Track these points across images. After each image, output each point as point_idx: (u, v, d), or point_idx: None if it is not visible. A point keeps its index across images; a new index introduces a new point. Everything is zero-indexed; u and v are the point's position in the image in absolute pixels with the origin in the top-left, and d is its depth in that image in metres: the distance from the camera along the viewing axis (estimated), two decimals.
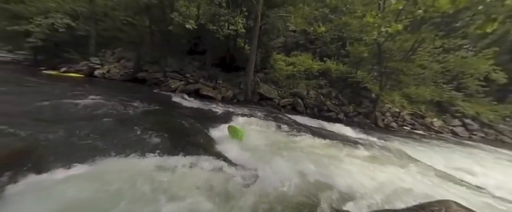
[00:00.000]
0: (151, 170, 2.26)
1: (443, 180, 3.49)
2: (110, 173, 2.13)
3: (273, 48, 11.37)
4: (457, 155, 6.14)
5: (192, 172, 2.34)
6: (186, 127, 4.21)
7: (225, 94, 8.99)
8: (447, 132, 10.67)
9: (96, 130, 3.23)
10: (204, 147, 3.39)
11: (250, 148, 3.31)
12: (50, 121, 3.44)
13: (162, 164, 2.44)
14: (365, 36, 7.39)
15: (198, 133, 4.00)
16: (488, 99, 12.74)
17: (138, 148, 2.80)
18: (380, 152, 4.35)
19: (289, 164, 2.72)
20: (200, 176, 2.29)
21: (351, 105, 9.27)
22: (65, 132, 2.98)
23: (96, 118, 3.87)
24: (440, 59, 9.04)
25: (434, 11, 4.09)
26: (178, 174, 2.26)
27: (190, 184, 2.09)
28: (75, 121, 3.56)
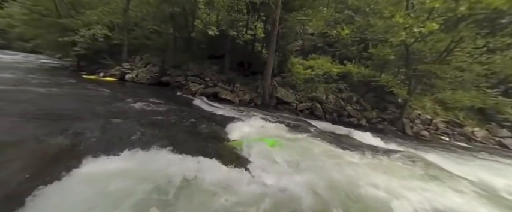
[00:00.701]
0: (175, 172, 2.38)
1: (490, 201, 3.02)
2: (140, 169, 2.31)
3: (290, 51, 11.28)
4: (506, 170, 5.28)
5: (210, 176, 2.39)
6: (205, 130, 4.38)
7: (242, 97, 9.14)
8: (493, 143, 9.30)
9: (126, 129, 3.56)
10: (220, 150, 3.48)
11: (273, 155, 3.28)
12: (89, 119, 3.90)
13: (182, 168, 2.52)
14: (391, 37, 6.88)
15: (215, 136, 4.12)
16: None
17: (164, 145, 2.99)
18: (408, 162, 3.95)
19: (310, 175, 2.64)
20: (218, 181, 2.34)
21: (374, 111, 8.66)
22: (102, 130, 3.34)
23: (126, 118, 4.26)
24: (484, 60, 7.98)
25: (483, 7, 3.61)
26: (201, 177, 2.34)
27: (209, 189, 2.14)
28: (109, 120, 3.96)
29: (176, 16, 11.18)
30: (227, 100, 8.99)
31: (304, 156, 3.26)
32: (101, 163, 2.38)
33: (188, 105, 7.35)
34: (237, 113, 6.27)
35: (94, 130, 3.36)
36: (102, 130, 3.43)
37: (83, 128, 3.38)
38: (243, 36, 7.92)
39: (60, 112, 4.23)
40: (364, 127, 7.91)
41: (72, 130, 3.28)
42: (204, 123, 4.83)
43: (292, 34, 11.50)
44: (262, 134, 4.33)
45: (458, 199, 2.75)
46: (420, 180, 3.16)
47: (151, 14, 12.19)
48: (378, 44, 9.61)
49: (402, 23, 3.49)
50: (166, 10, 10.60)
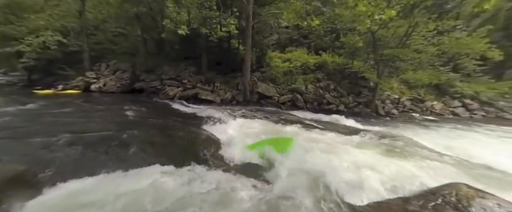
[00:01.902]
0: (151, 184, 2.22)
1: (449, 163, 3.49)
2: (106, 190, 2.08)
3: (267, 46, 11.33)
4: (460, 136, 6.16)
5: (194, 183, 2.30)
6: (185, 134, 4.19)
7: (223, 96, 8.97)
8: (448, 113, 10.71)
9: (91, 145, 3.20)
10: (201, 153, 3.36)
11: (255, 151, 3.29)
12: (46, 141, 3.41)
13: (161, 179, 2.37)
14: (358, 25, 7.35)
15: (195, 139, 3.98)
16: (486, 77, 12.78)
17: (135, 161, 2.76)
18: (384, 140, 4.34)
19: (293, 161, 2.72)
20: (205, 187, 2.26)
21: (350, 96, 9.26)
22: (62, 150, 2.95)
23: (92, 133, 3.84)
24: (435, 42, 9.03)
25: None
26: (183, 185, 2.24)
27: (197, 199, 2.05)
28: (70, 138, 3.52)
29: (142, 16, 10.34)
30: (208, 100, 8.75)
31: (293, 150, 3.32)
32: (62, 191, 2.09)
33: (166, 110, 6.96)
34: (219, 113, 6.13)
35: (50, 153, 2.92)
36: (64, 153, 3.02)
37: (37, 151, 2.91)
38: (216, 34, 7.68)
39: (5, 136, 3.61)
40: (343, 112, 8.42)
41: (23, 155, 2.79)
42: (186, 129, 4.62)
43: (267, 28, 11.52)
44: (256, 133, 4.26)
45: (417, 163, 3.13)
46: (386, 152, 3.51)
47: (113, 16, 11.06)
48: (348, 33, 10.18)
49: (365, 11, 3.76)
50: (130, 10, 9.73)
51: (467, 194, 1.82)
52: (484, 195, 1.78)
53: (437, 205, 1.79)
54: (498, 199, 1.75)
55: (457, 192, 1.86)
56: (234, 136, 4.00)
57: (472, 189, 1.90)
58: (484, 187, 2.47)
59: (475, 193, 1.82)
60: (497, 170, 3.29)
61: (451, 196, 1.85)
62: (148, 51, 11.48)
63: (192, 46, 11.09)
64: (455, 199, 1.81)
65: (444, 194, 1.88)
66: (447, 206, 1.75)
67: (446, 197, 1.85)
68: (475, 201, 1.72)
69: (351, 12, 5.22)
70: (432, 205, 1.82)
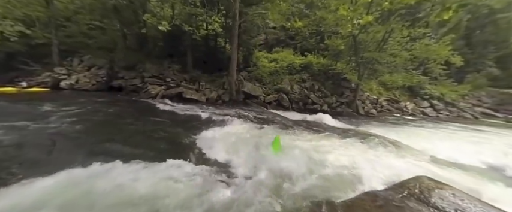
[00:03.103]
0: (127, 182, 2.12)
1: (417, 158, 3.82)
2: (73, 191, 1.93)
3: (254, 45, 11.34)
4: (428, 134, 6.78)
5: (175, 182, 2.24)
6: (168, 134, 4.04)
7: (209, 96, 8.79)
8: (419, 113, 11.73)
9: (65, 147, 2.94)
10: (187, 153, 3.28)
11: (238, 149, 3.27)
12: (10, 144, 3.04)
13: (138, 176, 2.29)
14: (340, 29, 7.70)
15: (180, 139, 3.86)
16: (450, 81, 14.24)
17: (115, 158, 2.59)
18: (363, 140, 4.61)
19: (272, 162, 2.76)
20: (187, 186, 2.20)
21: (334, 96, 9.67)
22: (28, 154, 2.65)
23: (65, 134, 3.52)
24: (408, 47, 9.84)
25: (399, 2, 4.43)
26: (161, 185, 2.15)
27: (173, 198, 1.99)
28: (38, 140, 3.19)
29: (122, 9, 9.67)
30: (193, 100, 8.50)
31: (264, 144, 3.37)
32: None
33: (148, 109, 6.61)
34: (204, 113, 5.99)
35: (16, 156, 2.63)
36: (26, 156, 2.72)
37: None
38: (199, 31, 7.48)
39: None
40: (326, 112, 8.74)
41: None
42: (168, 129, 4.44)
43: (254, 28, 11.54)
44: (240, 133, 4.23)
45: (391, 159, 3.38)
46: (365, 151, 3.73)
47: (87, 6, 10.19)
48: (332, 36, 10.62)
49: (345, 15, 3.96)
50: (108, 2, 9.03)
51: (429, 186, 2.00)
52: (442, 186, 1.98)
53: (404, 197, 1.94)
54: (453, 189, 1.95)
55: (420, 184, 2.04)
56: (217, 136, 3.94)
57: (433, 181, 2.10)
58: (443, 178, 2.75)
59: (435, 184, 2.01)
60: (456, 164, 3.69)
61: (415, 188, 2.02)
62: (129, 47, 10.79)
63: (177, 43, 10.68)
64: (418, 190, 1.98)
65: (409, 186, 2.04)
66: (412, 198, 1.90)
67: (411, 189, 2.02)
68: (434, 192, 1.90)
69: (333, 16, 5.46)
70: (399, 197, 1.96)
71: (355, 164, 3.05)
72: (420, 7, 9.77)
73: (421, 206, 1.85)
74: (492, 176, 3.46)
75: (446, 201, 1.83)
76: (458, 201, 1.81)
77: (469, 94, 13.94)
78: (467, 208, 1.74)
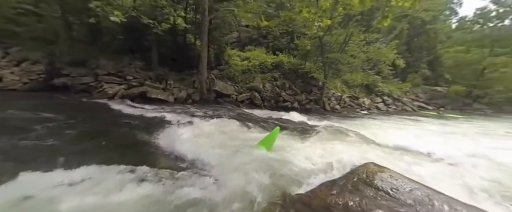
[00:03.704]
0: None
1: (370, 146, 4.36)
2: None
3: (226, 43, 11.11)
4: (379, 125, 7.85)
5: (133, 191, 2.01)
6: (126, 138, 3.62)
7: (177, 95, 8.23)
8: (373, 107, 13.45)
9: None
10: (147, 157, 3.00)
11: (204, 149, 3.15)
12: None
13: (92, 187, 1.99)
14: (307, 30, 8.20)
15: (140, 143, 3.50)
16: (396, 79, 16.76)
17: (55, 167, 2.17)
18: (327, 133, 5.02)
19: (238, 158, 2.75)
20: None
21: (303, 94, 10.27)
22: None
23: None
24: (365, 50, 11.18)
25: (350, 9, 4.98)
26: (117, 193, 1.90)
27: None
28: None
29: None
30: (159, 100, 7.84)
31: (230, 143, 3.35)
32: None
33: (102, 111, 5.79)
34: (171, 114, 5.57)
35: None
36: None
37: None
38: (161, 26, 6.90)
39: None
40: (297, 109, 9.24)
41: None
42: (127, 132, 3.96)
43: (226, 25, 11.28)
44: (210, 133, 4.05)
45: (347, 149, 3.77)
46: (329, 143, 4.08)
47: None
48: (301, 36, 11.22)
49: (308, 18, 4.23)
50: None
51: (373, 170, 2.29)
52: (383, 170, 2.28)
53: (354, 183, 2.17)
54: (391, 171, 2.28)
55: (366, 170, 2.31)
56: (183, 137, 3.71)
57: (377, 166, 2.41)
58: (387, 162, 3.20)
59: (378, 169, 2.31)
60: (398, 149, 4.36)
61: (363, 174, 2.28)
62: (76, 39, 9.21)
63: (140, 38, 9.63)
64: (365, 175, 2.24)
65: (359, 173, 2.30)
66: (360, 183, 2.14)
67: (360, 175, 2.27)
68: (376, 175, 2.19)
69: (301, 17, 5.76)
70: (351, 183, 2.19)
71: (317, 156, 3.28)
72: (373, 14, 11.24)
73: (367, 188, 2.10)
74: (423, 157, 4.20)
75: (385, 182, 2.13)
76: (393, 181, 2.13)
77: (409, 91, 16.70)
78: (399, 186, 2.06)
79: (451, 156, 4.48)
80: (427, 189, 2.13)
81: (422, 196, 2.00)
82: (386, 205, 1.90)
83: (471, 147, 5.14)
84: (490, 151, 4.84)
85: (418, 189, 2.10)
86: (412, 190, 2.08)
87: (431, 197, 1.99)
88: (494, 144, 5.71)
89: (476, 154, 4.56)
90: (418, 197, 1.99)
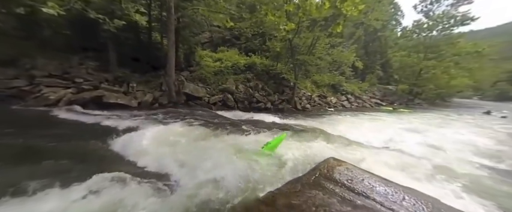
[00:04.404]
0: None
1: (333, 141, 4.74)
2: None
3: (196, 43, 10.64)
4: (343, 121, 8.66)
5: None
6: (77, 151, 3.10)
7: (142, 99, 7.49)
8: (339, 105, 14.76)
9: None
10: (104, 168, 2.62)
11: (167, 155, 2.92)
12: None
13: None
14: (276, 32, 8.49)
15: (94, 154, 3.05)
16: (357, 80, 18.82)
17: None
18: (296, 131, 5.27)
19: (203, 161, 2.65)
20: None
21: (276, 94, 10.58)
22: None
23: None
24: (330, 53, 12.21)
25: (309, 15, 5.38)
26: None
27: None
28: None
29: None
30: (120, 105, 7.00)
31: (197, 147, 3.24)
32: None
33: (41, 122, 4.84)
34: (133, 120, 5.02)
35: None
36: None
37: None
38: (113, 22, 6.20)
39: None
40: (270, 109, 9.46)
41: None
42: (75, 144, 3.38)
43: (196, 24, 10.80)
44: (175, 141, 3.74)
45: (312, 145, 4.03)
46: (299, 140, 4.28)
47: None
48: (272, 38, 11.55)
49: (274, 20, 4.38)
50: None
51: (333, 165, 2.47)
52: (341, 163, 2.49)
53: (316, 178, 2.31)
54: (347, 164, 2.51)
55: (327, 165, 2.48)
56: (145, 146, 3.37)
57: (336, 161, 2.61)
58: (347, 154, 3.52)
59: (336, 163, 2.51)
60: (357, 142, 4.85)
61: (324, 169, 2.44)
62: (2, 32, 7.48)
63: (92, 33, 8.39)
64: (326, 170, 2.40)
65: (320, 168, 2.45)
66: (321, 178, 2.29)
67: (321, 170, 2.42)
68: (336, 169, 2.37)
69: (268, 20, 5.92)
70: (313, 179, 2.31)
71: (285, 155, 3.39)
72: (336, 21, 12.39)
73: (327, 182, 2.25)
74: (376, 148, 4.78)
75: (342, 174, 2.32)
76: (349, 173, 2.34)
77: (367, 89, 18.94)
78: (354, 177, 2.28)
79: (397, 144, 5.22)
80: (375, 177, 2.42)
81: (371, 183, 2.25)
82: (342, 195, 2.07)
83: (412, 137, 6.12)
84: (429, 140, 5.86)
85: (368, 178, 2.36)
86: (363, 179, 2.33)
87: (379, 183, 2.26)
88: (432, 134, 6.94)
89: (419, 142, 5.47)
90: (368, 185, 2.23)
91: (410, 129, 7.55)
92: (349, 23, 18.41)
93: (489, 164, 4.38)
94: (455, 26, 19.82)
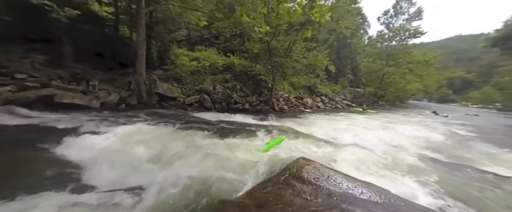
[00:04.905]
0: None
1: (306, 141, 4.96)
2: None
3: (171, 41, 10.05)
4: (317, 121, 9.16)
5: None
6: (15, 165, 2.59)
7: (106, 99, 6.72)
8: (315, 106, 15.60)
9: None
10: (50, 183, 2.25)
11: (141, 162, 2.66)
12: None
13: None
14: (253, 34, 8.55)
15: (38, 167, 2.60)
16: (330, 82, 20.19)
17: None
18: (272, 132, 5.35)
19: (178, 166, 2.50)
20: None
21: (254, 95, 10.64)
22: None
23: None
24: (306, 56, 12.83)
25: (280, 18, 5.59)
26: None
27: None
28: None
29: None
30: (77, 105, 6.16)
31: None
32: None
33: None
34: (90, 123, 4.44)
35: None
36: None
37: None
38: (64, 11, 5.49)
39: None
40: (248, 110, 9.45)
41: None
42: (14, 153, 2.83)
43: (171, 21, 10.19)
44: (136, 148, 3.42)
45: (289, 145, 4.15)
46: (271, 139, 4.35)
47: None
48: (251, 40, 11.59)
49: (249, 22, 4.41)
50: None
51: (302, 164, 2.57)
52: (309, 163, 2.61)
53: (286, 178, 2.37)
54: (316, 163, 2.63)
55: (297, 165, 2.57)
56: (104, 151, 3.02)
57: (305, 160, 2.72)
58: (317, 154, 3.70)
59: (305, 162, 2.62)
60: (328, 141, 5.16)
61: (294, 168, 2.52)
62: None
63: (41, 22, 7.19)
64: (295, 170, 2.48)
65: (290, 168, 2.53)
66: (290, 177, 2.36)
67: (291, 170, 2.50)
68: (304, 168, 2.47)
69: (244, 21, 5.92)
70: (283, 179, 2.37)
71: (258, 156, 3.41)
72: (312, 26, 13.06)
73: (296, 181, 2.33)
74: (346, 146, 5.15)
75: (310, 173, 2.43)
76: (316, 172, 2.46)
77: (340, 92, 20.49)
78: (320, 175, 2.40)
79: (365, 142, 5.71)
80: (339, 174, 2.59)
81: (335, 180, 2.40)
82: (309, 193, 2.16)
83: (377, 135, 6.79)
84: (391, 136, 6.57)
85: (333, 175, 2.51)
86: (328, 177, 2.47)
87: (341, 179, 2.42)
88: (394, 131, 7.82)
89: (382, 139, 6.08)
90: (332, 182, 2.37)
91: (377, 127, 8.42)
92: (324, 29, 19.77)
93: (436, 156, 5.11)
94: (410, 37, 22.96)
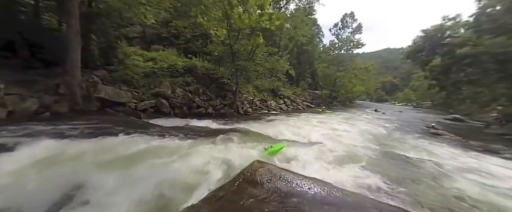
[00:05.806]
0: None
1: (268, 143, 5.17)
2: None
3: (118, 37, 8.76)
4: (279, 122, 9.71)
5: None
6: None
7: (18, 106, 5.24)
8: (278, 108, 16.48)
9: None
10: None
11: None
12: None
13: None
14: (213, 37, 8.41)
15: None
16: (292, 85, 21.77)
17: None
18: (232, 135, 5.34)
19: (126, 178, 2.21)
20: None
21: (218, 99, 10.42)
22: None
23: None
24: (268, 60, 13.45)
25: (234, 23, 5.77)
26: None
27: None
28: None
29: None
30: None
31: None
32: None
33: None
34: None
35: None
36: None
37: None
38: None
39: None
40: (211, 114, 9.16)
41: None
42: None
43: (117, 14, 8.87)
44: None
45: (247, 148, 4.24)
46: (235, 145, 4.37)
47: None
48: (213, 42, 11.33)
49: (203, 24, 4.32)
50: None
51: (256, 167, 2.67)
52: (263, 165, 2.73)
53: (240, 183, 2.40)
54: (269, 165, 2.78)
55: (251, 168, 2.65)
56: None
57: (260, 163, 2.84)
58: (278, 155, 3.90)
59: (260, 165, 2.73)
60: (290, 141, 5.50)
61: (248, 172, 2.59)
62: None
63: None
64: (249, 173, 2.55)
65: (245, 172, 2.58)
66: (244, 181, 2.41)
67: (245, 174, 2.55)
68: (258, 171, 2.57)
69: (201, 23, 5.75)
70: (237, 184, 2.40)
71: (215, 161, 3.36)
72: (274, 32, 13.85)
73: (249, 185, 2.38)
74: (304, 144, 5.61)
75: (263, 176, 2.53)
76: (268, 173, 2.58)
77: (300, 94, 22.36)
78: (272, 176, 2.53)
79: (319, 140, 6.32)
80: (291, 174, 2.78)
81: (286, 179, 2.57)
82: (261, 196, 2.25)
83: (332, 131, 7.68)
84: (343, 131, 7.52)
85: (285, 175, 2.68)
86: (280, 177, 2.63)
87: (291, 178, 2.61)
88: (346, 126, 9.04)
89: (336, 135, 6.89)
90: (283, 182, 2.52)
91: (332, 125, 9.57)
92: (284, 36, 21.25)
93: (379, 147, 6.06)
94: (354, 48, 27.36)
